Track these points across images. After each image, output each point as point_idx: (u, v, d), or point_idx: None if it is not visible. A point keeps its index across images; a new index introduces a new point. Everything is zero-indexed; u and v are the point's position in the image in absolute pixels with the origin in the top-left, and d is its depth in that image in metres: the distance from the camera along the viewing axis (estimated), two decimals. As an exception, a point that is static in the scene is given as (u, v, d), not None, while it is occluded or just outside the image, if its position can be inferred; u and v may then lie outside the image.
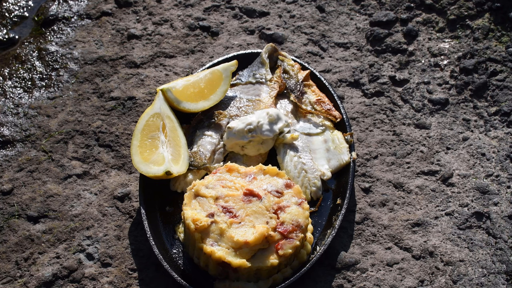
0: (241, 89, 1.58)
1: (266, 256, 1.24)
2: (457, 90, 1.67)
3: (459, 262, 1.36)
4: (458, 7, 1.82)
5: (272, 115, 1.45)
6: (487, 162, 1.52)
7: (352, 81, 1.69)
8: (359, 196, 1.47)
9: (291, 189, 1.32)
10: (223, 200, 1.29)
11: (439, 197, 1.46)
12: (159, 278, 1.33)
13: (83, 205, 1.45)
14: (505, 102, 1.63)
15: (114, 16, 1.85)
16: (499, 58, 1.71)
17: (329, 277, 1.33)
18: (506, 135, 1.57)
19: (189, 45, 1.78)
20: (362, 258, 1.37)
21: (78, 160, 1.53)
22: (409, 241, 1.39)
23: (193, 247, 1.28)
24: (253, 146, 1.45)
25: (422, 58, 1.74)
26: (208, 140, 1.48)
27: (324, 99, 1.55)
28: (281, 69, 1.59)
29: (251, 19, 1.84)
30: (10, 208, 1.44)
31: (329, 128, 1.51)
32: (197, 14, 1.85)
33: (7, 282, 1.33)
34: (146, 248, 1.38)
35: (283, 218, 1.27)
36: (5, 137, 1.56)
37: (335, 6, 1.87)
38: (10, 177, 1.49)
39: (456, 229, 1.41)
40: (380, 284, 1.33)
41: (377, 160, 1.54)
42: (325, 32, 1.81)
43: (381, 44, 1.77)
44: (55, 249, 1.38)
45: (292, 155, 1.46)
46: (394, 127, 1.60)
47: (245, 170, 1.35)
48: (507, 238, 1.39)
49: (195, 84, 1.52)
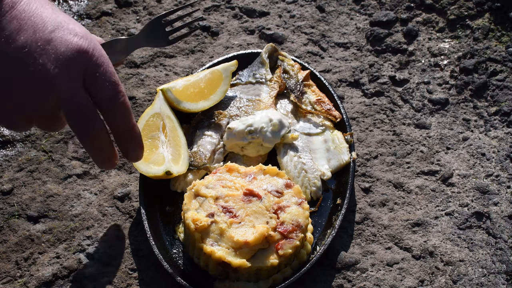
0: (241, 89, 1.58)
1: (266, 256, 1.24)
2: (457, 90, 1.67)
3: (459, 262, 1.36)
4: (458, 7, 1.82)
5: (276, 123, 1.44)
6: (487, 162, 1.52)
7: (352, 81, 1.69)
8: (359, 196, 1.47)
9: (291, 189, 1.32)
10: (223, 200, 1.29)
11: (439, 197, 1.46)
12: (159, 278, 1.33)
13: (83, 205, 1.45)
14: (505, 102, 1.63)
15: (114, 16, 1.85)
16: (499, 58, 1.71)
17: (329, 277, 1.33)
18: (506, 135, 1.57)
19: (189, 45, 1.78)
20: (362, 258, 1.37)
21: (78, 160, 1.53)
22: (409, 241, 1.39)
23: (193, 247, 1.28)
24: (253, 147, 1.45)
25: (422, 58, 1.74)
26: (208, 140, 1.48)
27: (324, 99, 1.55)
28: (281, 69, 1.59)
29: (251, 19, 1.84)
30: (10, 208, 1.44)
31: (329, 128, 1.51)
32: (197, 14, 1.85)
33: (7, 282, 1.33)
34: (146, 248, 1.38)
35: (283, 218, 1.27)
36: (5, 137, 1.56)
37: (335, 6, 1.87)
38: (10, 177, 1.49)
39: (456, 229, 1.41)
40: (380, 284, 1.33)
41: (377, 160, 1.54)
42: (325, 32, 1.81)
43: (381, 44, 1.77)
44: (55, 249, 1.38)
45: (292, 155, 1.46)
46: (394, 127, 1.60)
47: (245, 170, 1.35)
48: (507, 238, 1.39)
49: (195, 84, 1.52)
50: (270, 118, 1.45)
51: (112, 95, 1.07)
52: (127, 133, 1.13)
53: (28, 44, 1.00)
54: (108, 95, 1.07)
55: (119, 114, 1.10)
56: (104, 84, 1.06)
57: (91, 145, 1.09)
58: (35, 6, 1.04)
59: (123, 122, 1.11)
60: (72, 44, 1.03)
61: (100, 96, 1.07)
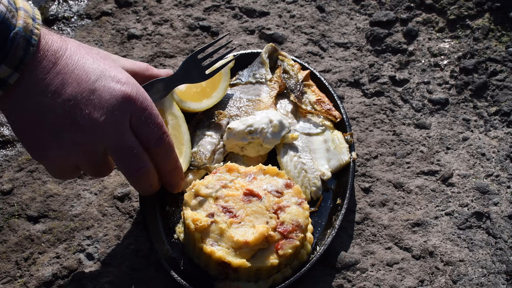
0: (241, 89, 1.58)
1: (266, 256, 1.24)
2: (457, 90, 1.67)
3: (459, 262, 1.36)
4: (458, 7, 1.82)
5: (276, 125, 1.44)
6: (487, 162, 1.52)
7: (352, 81, 1.70)
8: (359, 196, 1.47)
9: (291, 189, 1.32)
10: (223, 200, 1.29)
11: (439, 197, 1.46)
12: (159, 278, 1.33)
13: (83, 205, 1.45)
14: (505, 102, 1.63)
15: (114, 16, 1.85)
16: (499, 58, 1.71)
17: (329, 277, 1.33)
18: (506, 135, 1.57)
19: (189, 45, 1.78)
20: (362, 258, 1.37)
21: (78, 160, 1.53)
22: (409, 241, 1.39)
23: (193, 247, 1.28)
24: (253, 148, 1.45)
25: (422, 58, 1.74)
26: (208, 140, 1.48)
27: (324, 99, 1.55)
28: (281, 69, 1.59)
29: (251, 19, 1.84)
30: (10, 208, 1.44)
31: (329, 128, 1.51)
32: (197, 14, 1.85)
33: (7, 282, 1.33)
34: (146, 248, 1.38)
35: (283, 218, 1.27)
36: (5, 137, 1.56)
37: (335, 6, 1.87)
38: (10, 177, 1.49)
39: (456, 229, 1.41)
40: (380, 284, 1.33)
41: (377, 160, 1.54)
42: (325, 32, 1.81)
43: (381, 44, 1.77)
44: (55, 249, 1.38)
45: (292, 155, 1.46)
46: (394, 127, 1.60)
47: (245, 170, 1.35)
48: (507, 238, 1.39)
49: (196, 84, 1.51)
50: (271, 119, 1.45)
51: (158, 137, 1.14)
52: (172, 170, 1.21)
53: (74, 96, 1.04)
54: (154, 137, 1.14)
55: (165, 154, 1.18)
56: (149, 126, 1.12)
57: (141, 184, 1.17)
58: (77, 58, 1.07)
59: (169, 161, 1.19)
60: (116, 91, 1.07)
61: (146, 138, 1.13)
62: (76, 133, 1.05)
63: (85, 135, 1.05)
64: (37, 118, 1.04)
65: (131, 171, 1.14)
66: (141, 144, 1.13)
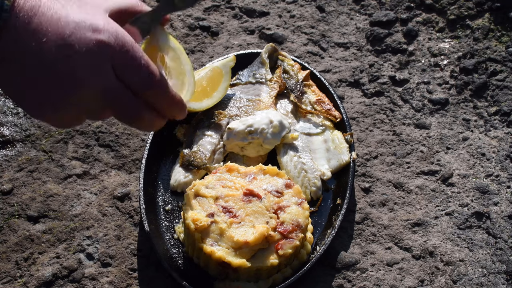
0: (241, 89, 1.58)
1: (266, 256, 1.24)
2: (457, 90, 1.67)
3: (459, 262, 1.36)
4: (458, 7, 1.82)
5: (277, 125, 1.44)
6: (487, 162, 1.52)
7: (352, 81, 1.69)
8: (359, 196, 1.47)
9: (291, 189, 1.32)
10: (223, 200, 1.29)
11: (439, 197, 1.46)
12: (159, 278, 1.33)
13: (83, 205, 1.45)
14: (505, 102, 1.63)
15: (114, 16, 1.85)
16: (499, 58, 1.71)
17: (329, 277, 1.33)
18: (506, 135, 1.57)
19: (189, 45, 1.78)
20: (362, 258, 1.37)
21: (78, 160, 1.53)
22: (409, 241, 1.39)
23: (193, 247, 1.28)
24: (253, 148, 1.45)
25: (422, 58, 1.74)
26: (208, 140, 1.48)
27: (324, 99, 1.55)
28: (281, 69, 1.59)
29: (251, 19, 1.84)
30: (10, 208, 1.44)
31: (329, 128, 1.51)
32: (197, 14, 1.85)
33: (7, 282, 1.33)
34: (146, 248, 1.38)
35: (283, 218, 1.27)
36: (5, 137, 1.56)
37: (335, 6, 1.87)
38: (10, 177, 1.49)
39: (456, 229, 1.41)
40: (380, 284, 1.33)
41: (377, 160, 1.54)
42: (325, 32, 1.81)
43: (381, 44, 1.77)
44: (55, 249, 1.38)
45: (292, 155, 1.46)
46: (394, 127, 1.60)
47: (245, 170, 1.35)
48: (507, 238, 1.39)
49: (197, 83, 1.51)
50: (271, 120, 1.45)
51: (145, 78, 1.10)
52: (169, 105, 1.16)
53: (51, 58, 1.03)
54: (141, 80, 1.09)
55: (158, 94, 1.13)
56: (134, 70, 1.08)
57: (140, 127, 1.14)
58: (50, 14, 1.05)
59: (164, 99, 1.14)
60: (92, 41, 1.05)
61: (133, 82, 1.09)
62: (60, 89, 1.04)
63: (70, 92, 1.04)
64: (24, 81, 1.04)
65: (124, 118, 1.11)
66: (129, 88, 1.11)
